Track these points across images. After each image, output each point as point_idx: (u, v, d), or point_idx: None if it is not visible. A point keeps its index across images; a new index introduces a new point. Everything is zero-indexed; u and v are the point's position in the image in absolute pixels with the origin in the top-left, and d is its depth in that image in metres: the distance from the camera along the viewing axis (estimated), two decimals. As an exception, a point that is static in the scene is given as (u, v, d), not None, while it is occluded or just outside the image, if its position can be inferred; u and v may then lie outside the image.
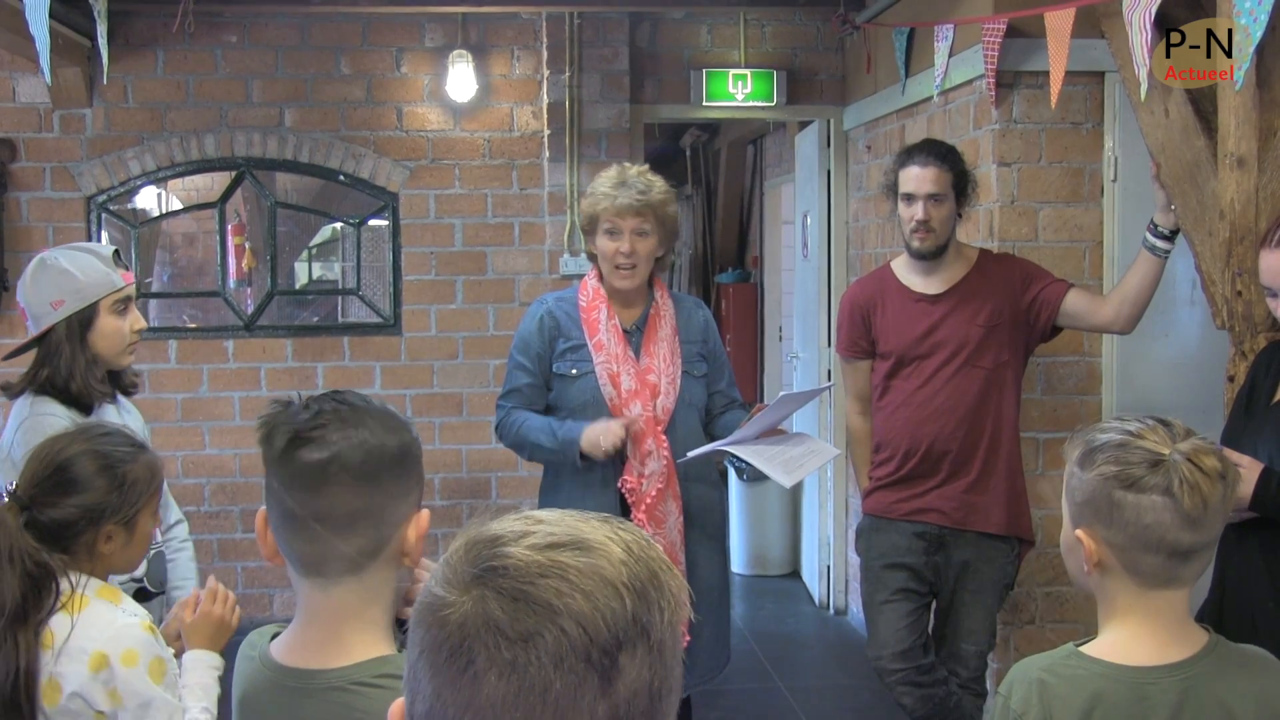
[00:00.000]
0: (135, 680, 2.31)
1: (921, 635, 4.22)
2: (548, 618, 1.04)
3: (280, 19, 6.79)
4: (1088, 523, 2.01)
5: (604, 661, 1.05)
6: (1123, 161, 4.92)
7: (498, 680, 1.03)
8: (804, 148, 7.52)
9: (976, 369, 4.19)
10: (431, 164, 6.93)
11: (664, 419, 3.87)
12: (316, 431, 1.79)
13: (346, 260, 7.30)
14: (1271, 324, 3.36)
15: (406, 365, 6.97)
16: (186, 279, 7.14)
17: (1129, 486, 1.95)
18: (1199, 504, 1.92)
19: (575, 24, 6.75)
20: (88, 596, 2.37)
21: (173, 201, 7.46)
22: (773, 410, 3.79)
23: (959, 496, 4.19)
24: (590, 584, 1.06)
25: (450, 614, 1.06)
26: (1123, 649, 2.01)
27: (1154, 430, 1.99)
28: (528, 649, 1.03)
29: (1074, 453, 2.05)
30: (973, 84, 5.11)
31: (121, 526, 2.47)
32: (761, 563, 8.03)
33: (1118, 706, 1.97)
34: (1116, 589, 2.03)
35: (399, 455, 1.84)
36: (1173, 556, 1.96)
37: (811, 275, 7.34)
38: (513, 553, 1.08)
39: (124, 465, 2.48)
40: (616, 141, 6.77)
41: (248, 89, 6.83)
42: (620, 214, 3.83)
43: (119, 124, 6.77)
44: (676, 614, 1.11)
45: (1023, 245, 4.92)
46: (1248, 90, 3.47)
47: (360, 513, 1.80)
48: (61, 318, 3.19)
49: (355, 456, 1.79)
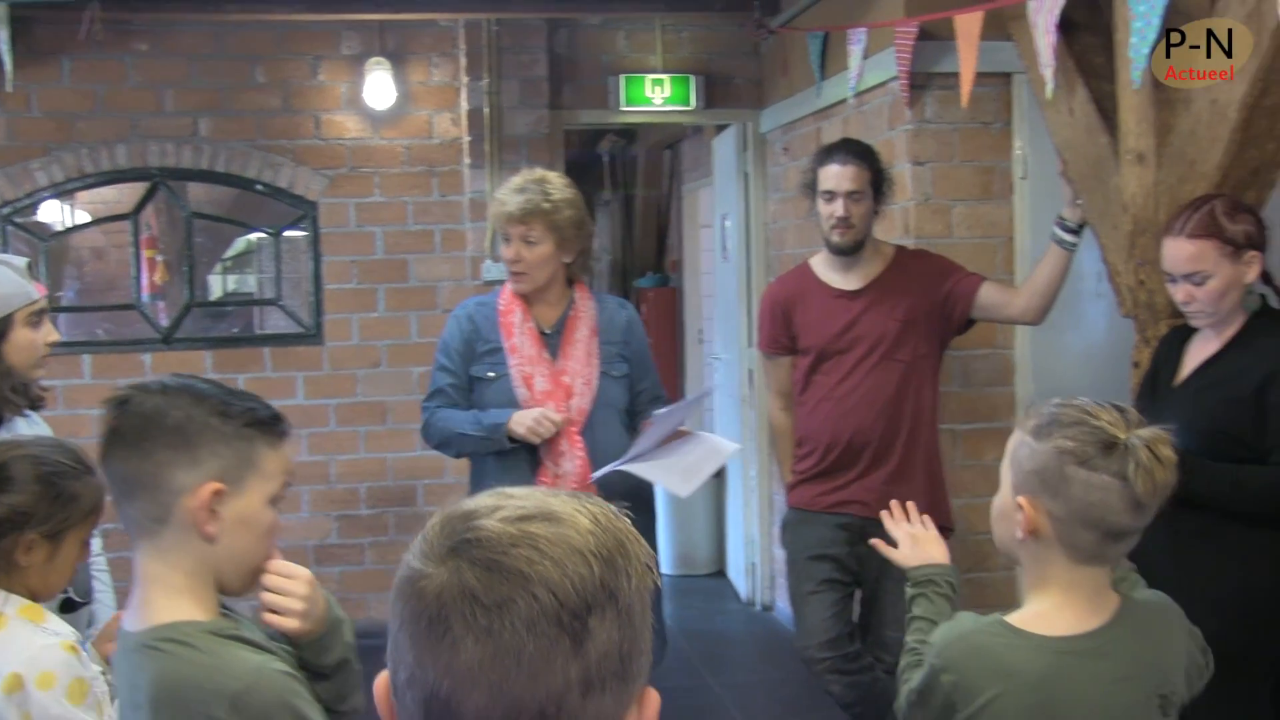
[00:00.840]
0: (50, 703, 2.30)
1: (847, 624, 4.31)
2: (520, 585, 1.09)
3: (193, 27, 6.71)
4: (1032, 492, 2.10)
5: (574, 625, 1.10)
6: (1031, 160, 5.03)
7: (475, 645, 1.09)
8: (722, 151, 7.60)
9: (895, 362, 4.28)
10: (351, 172, 6.91)
11: (579, 420, 3.93)
12: (115, 405, 1.93)
13: (264, 271, 7.27)
14: (1173, 311, 3.50)
15: (329, 375, 6.93)
16: (95, 294, 7.10)
17: (1082, 463, 2.03)
18: (1150, 490, 2.02)
19: (493, 31, 6.74)
20: (7, 615, 2.37)
21: (79, 215, 7.42)
22: (653, 429, 3.83)
23: (880, 487, 4.22)
24: (559, 552, 1.11)
25: (427, 584, 1.12)
26: (1046, 620, 2.13)
27: (1108, 412, 2.08)
28: (502, 615, 1.09)
29: (1029, 423, 2.13)
30: (886, 86, 5.19)
31: (46, 540, 2.43)
32: (688, 562, 8.07)
33: (1036, 674, 2.09)
34: (1047, 559, 2.13)
35: (176, 427, 1.91)
36: (1107, 536, 2.08)
37: (731, 277, 7.42)
38: (485, 525, 1.13)
39: (64, 479, 2.46)
40: (536, 147, 6.77)
41: (160, 98, 6.76)
42: (509, 221, 3.92)
43: (23, 134, 6.64)
44: (643, 581, 1.17)
45: (938, 242, 4.99)
46: (1145, 90, 3.60)
47: (133, 478, 1.92)
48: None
49: (130, 424, 1.91)
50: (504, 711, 1.09)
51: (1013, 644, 2.12)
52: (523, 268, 3.94)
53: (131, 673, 1.90)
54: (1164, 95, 3.65)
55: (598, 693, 1.11)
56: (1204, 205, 3.25)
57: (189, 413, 1.92)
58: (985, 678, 2.10)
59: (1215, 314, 3.27)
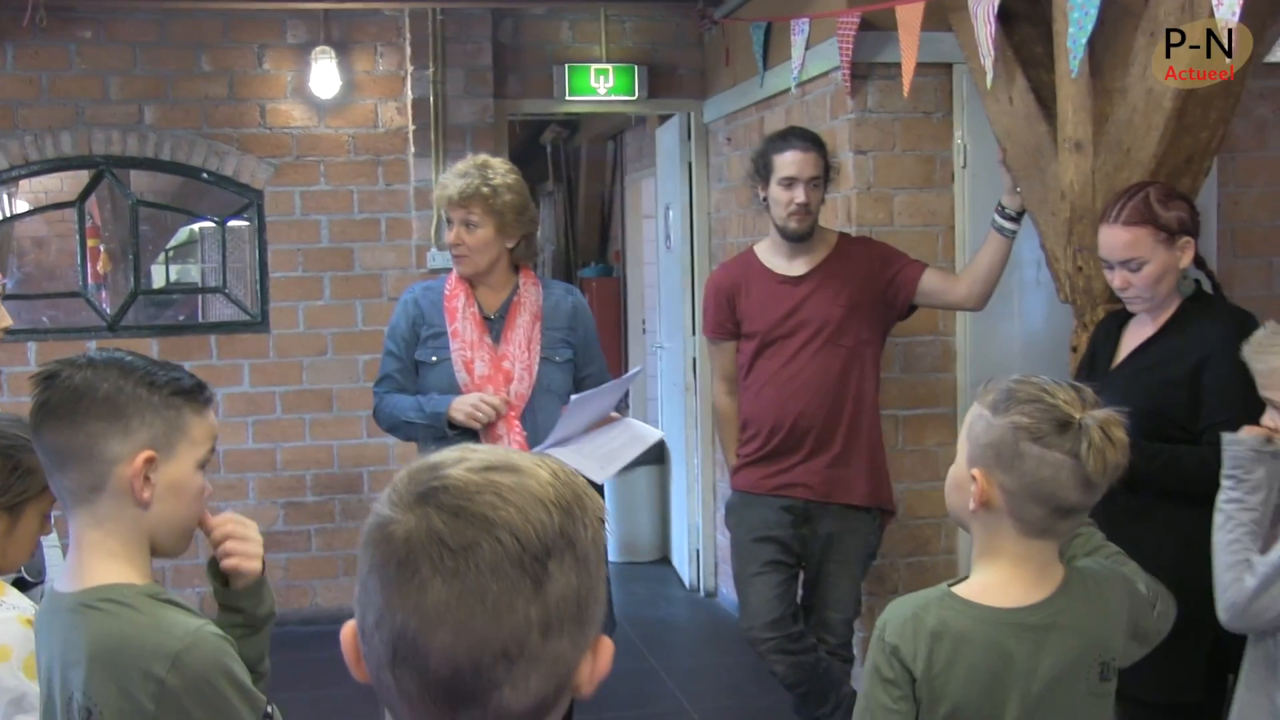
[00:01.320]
0: (5, 675, 2.33)
1: (791, 605, 4.33)
2: (484, 529, 1.14)
3: (138, 15, 6.69)
4: (986, 464, 2.13)
5: (535, 568, 1.14)
6: (971, 149, 5.08)
7: (442, 586, 1.13)
8: (665, 141, 7.60)
9: (838, 347, 4.30)
10: (296, 161, 6.89)
11: (518, 404, 3.95)
12: (44, 378, 1.98)
13: (208, 261, 7.25)
14: (1110, 296, 3.54)
15: (275, 362, 6.92)
16: (38, 282, 7.05)
17: (1037, 440, 2.07)
18: (1101, 469, 2.06)
19: (438, 20, 6.75)
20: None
21: (19, 204, 7.36)
22: (571, 414, 3.83)
23: (823, 471, 4.30)
24: (521, 499, 1.16)
25: (397, 529, 1.16)
26: (993, 592, 2.17)
27: (1065, 391, 2.12)
28: (468, 557, 1.13)
29: (988, 398, 2.16)
30: (829, 75, 5.22)
31: (5, 512, 2.46)
32: (632, 549, 8.10)
33: (984, 645, 2.13)
34: (997, 530, 2.17)
35: (107, 399, 1.96)
36: (1056, 511, 2.12)
37: (675, 266, 7.44)
38: (452, 474, 1.18)
39: (21, 453, 2.45)
40: (481, 136, 6.79)
41: (105, 86, 6.72)
42: (450, 204, 3.95)
43: (-34, 121, 6.63)
44: (599, 533, 1.21)
45: (880, 229, 5.05)
46: (1082, 79, 3.64)
47: (67, 449, 1.97)
48: None
49: (60, 398, 1.96)
50: (468, 649, 1.12)
51: (963, 616, 2.16)
52: (464, 250, 3.96)
53: (66, 631, 1.95)
54: (1101, 84, 3.70)
55: (556, 634, 1.15)
56: (1138, 193, 3.28)
57: (118, 384, 1.97)
58: (938, 651, 2.14)
59: (1151, 299, 3.31)
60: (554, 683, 1.17)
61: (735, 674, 5.84)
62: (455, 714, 1.16)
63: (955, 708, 2.13)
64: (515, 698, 1.15)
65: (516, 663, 1.14)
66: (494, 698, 1.14)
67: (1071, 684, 2.17)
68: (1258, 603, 2.61)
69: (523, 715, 1.16)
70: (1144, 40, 3.46)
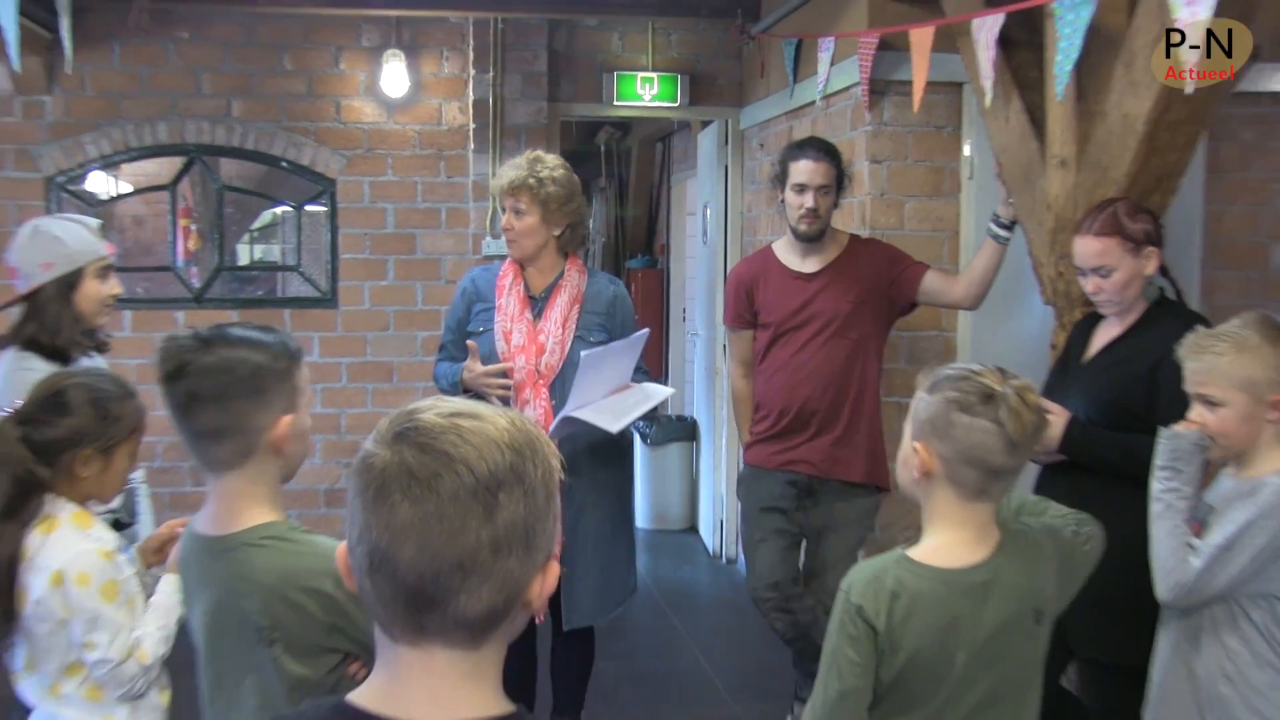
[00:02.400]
0: (85, 598, 2.48)
1: (792, 569, 4.39)
2: (445, 463, 1.24)
3: (229, 17, 6.79)
4: (925, 437, 2.24)
5: (487, 497, 1.24)
6: (977, 161, 5.07)
7: (409, 508, 1.23)
8: (705, 145, 7.63)
9: (845, 339, 4.35)
10: (366, 153, 6.98)
11: (547, 374, 4.02)
12: (179, 366, 2.05)
13: (287, 241, 7.37)
14: (1086, 300, 3.56)
15: (342, 336, 7.01)
16: (135, 256, 7.20)
17: (965, 410, 2.18)
18: (1020, 430, 2.17)
19: (499, 28, 6.80)
20: (60, 520, 2.54)
21: (123, 185, 7.51)
22: (585, 371, 3.84)
23: (826, 450, 4.35)
24: (478, 440, 1.26)
25: (375, 461, 1.26)
26: (942, 554, 2.26)
27: (991, 372, 2.23)
28: (430, 486, 1.24)
29: (925, 381, 2.28)
30: (850, 90, 5.22)
31: (100, 454, 2.60)
32: (663, 519, 8.16)
33: (935, 601, 2.22)
34: (939, 496, 2.27)
35: (249, 377, 2.07)
36: (987, 474, 2.21)
37: (709, 260, 7.50)
38: (423, 418, 1.28)
39: (111, 401, 2.63)
40: (535, 136, 6.82)
41: (198, 81, 6.84)
42: (502, 193, 4.10)
43: (77, 111, 6.75)
44: (550, 474, 1.31)
45: (891, 233, 5.07)
46: (1068, 102, 3.70)
47: (221, 428, 2.07)
48: (51, 278, 3.33)
49: (205, 386, 2.05)
50: (429, 561, 1.23)
51: (917, 577, 2.24)
52: (513, 235, 4.09)
53: (234, 566, 2.08)
54: (1084, 108, 3.73)
55: (505, 554, 1.25)
56: (1109, 207, 3.33)
57: (255, 363, 2.08)
58: (896, 608, 2.22)
59: (1120, 303, 3.35)
60: (504, 595, 1.27)
61: (746, 633, 5.90)
62: (420, 617, 1.26)
63: (911, 657, 2.22)
64: (470, 604, 1.25)
65: (470, 575, 1.24)
66: (452, 604, 1.25)
67: (1011, 631, 2.26)
68: (1202, 582, 2.66)
69: (476, 620, 1.27)
70: (1121, 69, 3.51)
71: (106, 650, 2.50)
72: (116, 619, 2.52)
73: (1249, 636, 2.67)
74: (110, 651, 2.51)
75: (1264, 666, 2.65)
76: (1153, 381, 3.23)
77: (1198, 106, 3.42)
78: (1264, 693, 2.64)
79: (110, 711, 2.57)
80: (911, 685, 2.24)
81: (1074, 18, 3.40)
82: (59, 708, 2.56)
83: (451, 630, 1.27)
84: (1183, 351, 2.78)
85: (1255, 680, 2.65)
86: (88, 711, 2.56)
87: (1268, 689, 2.64)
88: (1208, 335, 2.75)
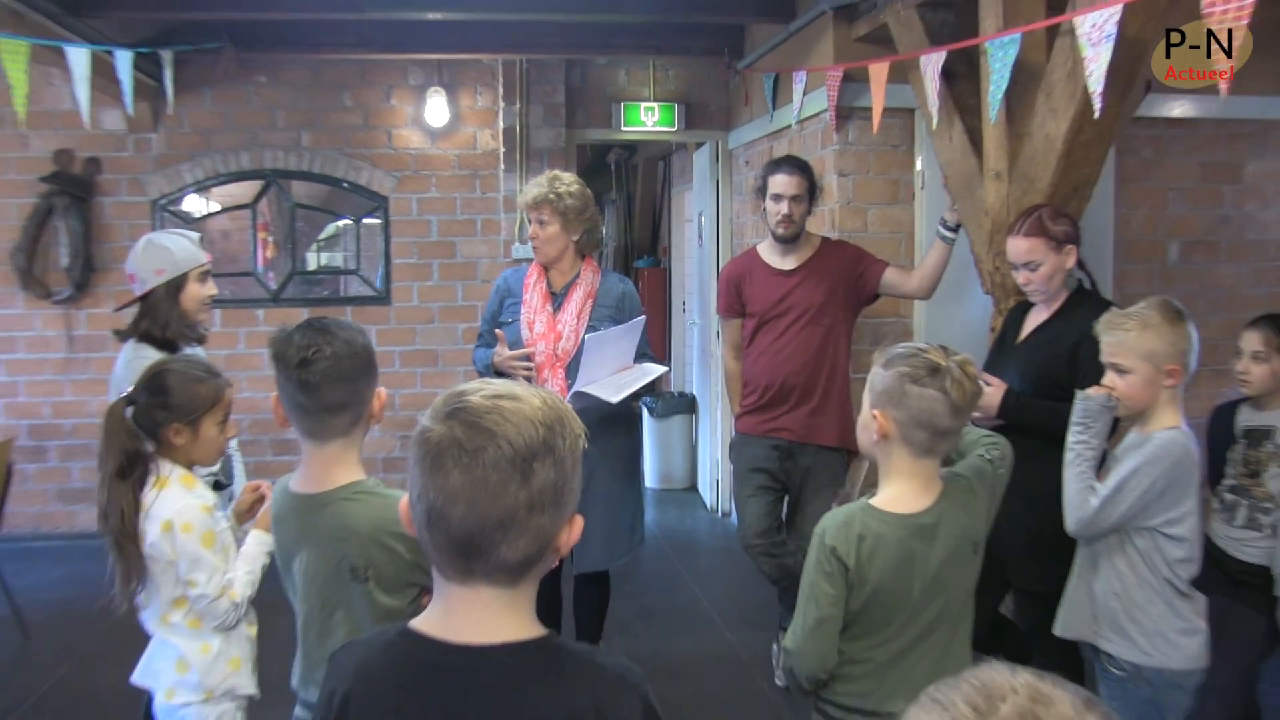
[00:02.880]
0: (188, 543, 2.54)
1: (776, 520, 4.39)
2: (489, 438, 1.27)
3: (299, 64, 6.87)
4: (882, 406, 2.25)
5: (524, 466, 1.27)
6: (927, 175, 5.10)
7: (459, 475, 1.26)
8: (699, 162, 7.61)
9: (818, 325, 4.33)
10: (414, 174, 7.02)
11: (564, 358, 4.03)
12: (313, 353, 2.10)
13: (347, 249, 7.40)
14: (1018, 290, 3.57)
15: (395, 328, 7.06)
16: (223, 264, 7.23)
17: (915, 382, 2.19)
18: (962, 397, 2.19)
19: (524, 67, 6.84)
20: (170, 479, 2.59)
21: (213, 205, 7.57)
22: (589, 349, 3.85)
23: (804, 419, 4.34)
24: (517, 418, 1.28)
25: (431, 435, 1.29)
26: (897, 501, 2.28)
27: (936, 349, 2.25)
28: (477, 456, 1.26)
29: (880, 358, 2.28)
30: (820, 116, 5.24)
31: (187, 426, 2.63)
32: (668, 479, 8.15)
33: (895, 542, 2.25)
34: (895, 455, 2.28)
35: (366, 356, 2.15)
36: (935, 434, 2.23)
37: (704, 260, 7.49)
38: (471, 399, 1.30)
39: (190, 382, 2.65)
40: (555, 157, 6.86)
41: (273, 117, 6.92)
42: (528, 207, 4.11)
43: (176, 144, 6.85)
44: (576, 443, 1.33)
45: (856, 235, 5.10)
46: (1000, 125, 3.73)
47: (346, 401, 2.13)
48: (161, 282, 3.40)
49: (339, 367, 2.10)
50: (476, 519, 1.27)
51: (879, 522, 2.27)
52: (539, 242, 4.11)
53: (331, 519, 2.13)
54: (1013, 129, 3.76)
55: (539, 513, 1.29)
56: (1034, 212, 3.35)
57: (365, 344, 2.16)
58: (863, 548, 2.25)
59: (1045, 292, 3.38)
60: (538, 545, 1.31)
61: (738, 574, 5.88)
62: (468, 563, 1.30)
63: (876, 588, 2.25)
64: (509, 553, 1.29)
65: (510, 529, 1.27)
66: (494, 553, 1.29)
67: (955, 562, 2.29)
68: (1099, 516, 2.73)
69: (515, 565, 1.31)
70: (1042, 97, 3.53)
71: (205, 587, 2.56)
72: (213, 562, 2.57)
73: (1134, 561, 2.73)
74: (208, 589, 2.56)
75: (1144, 586, 2.72)
76: (1074, 358, 3.26)
77: (1103, 129, 3.45)
78: (1142, 606, 2.72)
79: (207, 640, 2.63)
80: (875, 612, 2.27)
81: (1003, 55, 3.43)
82: (168, 634, 2.63)
83: (494, 572, 1.31)
84: (1099, 328, 2.80)
85: (1137, 597, 2.73)
86: (190, 638, 2.62)
87: (1145, 604, 2.72)
88: (1119, 314, 2.79)
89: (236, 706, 2.69)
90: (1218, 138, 5.58)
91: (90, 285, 6.77)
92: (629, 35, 6.58)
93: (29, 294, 6.77)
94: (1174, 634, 2.71)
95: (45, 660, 4.88)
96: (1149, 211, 5.61)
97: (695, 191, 7.95)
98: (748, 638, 5.09)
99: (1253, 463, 3.34)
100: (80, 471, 6.85)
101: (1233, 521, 3.40)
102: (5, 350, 6.83)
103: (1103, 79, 2.94)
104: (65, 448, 6.86)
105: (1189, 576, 2.72)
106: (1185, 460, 2.68)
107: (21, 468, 6.64)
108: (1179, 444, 2.68)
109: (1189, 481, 2.69)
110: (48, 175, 6.70)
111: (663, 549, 6.62)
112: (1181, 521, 2.69)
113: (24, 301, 6.80)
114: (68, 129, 6.73)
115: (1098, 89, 2.96)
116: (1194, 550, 2.72)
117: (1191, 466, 2.70)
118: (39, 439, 6.84)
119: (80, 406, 6.84)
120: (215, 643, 2.63)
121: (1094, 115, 3.10)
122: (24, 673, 4.76)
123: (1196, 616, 2.73)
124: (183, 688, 2.63)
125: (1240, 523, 3.37)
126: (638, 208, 11.00)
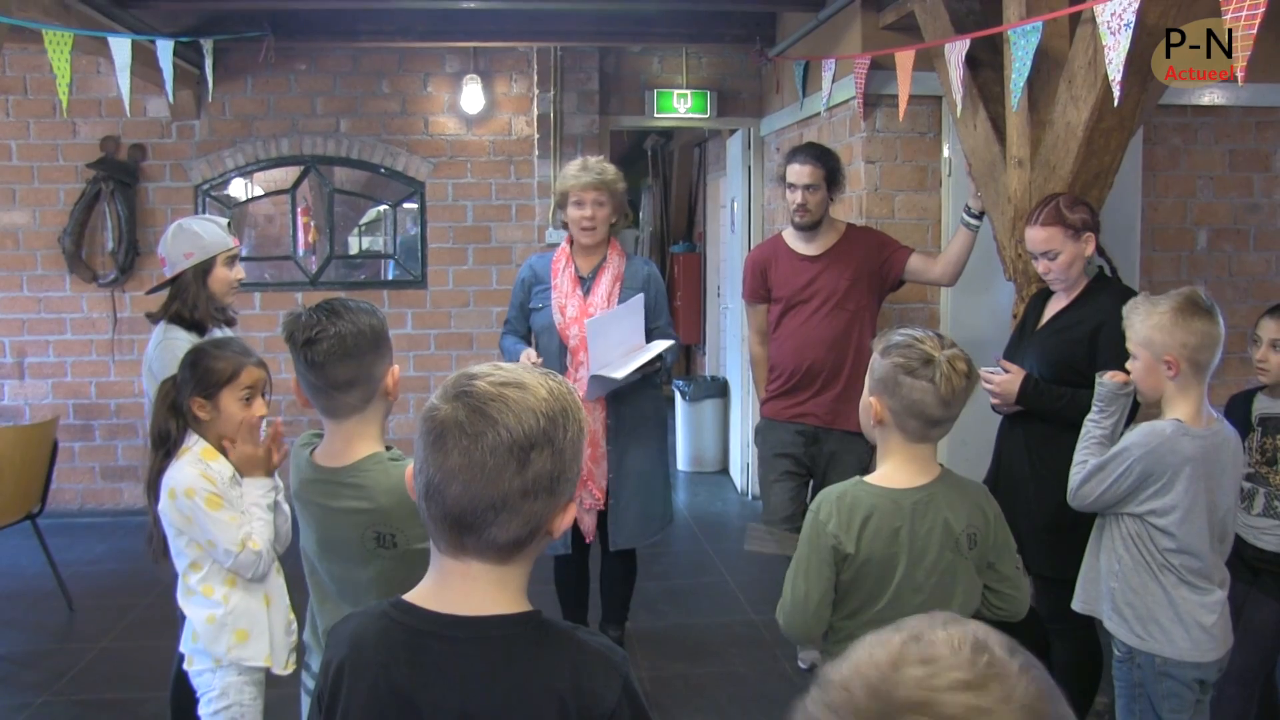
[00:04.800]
0: (193, 508, 2.62)
1: (800, 505, 4.35)
2: (490, 424, 1.29)
3: (338, 52, 6.92)
4: (878, 393, 2.28)
5: (520, 454, 1.28)
6: (954, 162, 5.06)
7: (459, 456, 1.29)
8: (732, 149, 7.62)
9: (844, 311, 4.31)
10: (450, 160, 7.07)
11: None
12: (317, 332, 2.12)
13: (385, 234, 7.47)
14: (1039, 277, 3.56)
15: (431, 311, 7.13)
16: (264, 248, 7.34)
17: (908, 373, 2.22)
18: (950, 391, 2.21)
19: (558, 55, 6.86)
20: (190, 450, 2.69)
21: (255, 189, 7.66)
22: (592, 334, 3.89)
23: (829, 404, 4.32)
24: (519, 408, 1.30)
25: (437, 414, 1.32)
26: (889, 478, 2.32)
27: (931, 339, 2.26)
28: (477, 440, 1.28)
29: (878, 346, 2.30)
30: (848, 103, 5.22)
31: (207, 400, 2.71)
32: (700, 462, 8.18)
33: (883, 513, 2.28)
34: (890, 439, 2.32)
35: (373, 336, 2.15)
36: (927, 423, 2.26)
37: (736, 246, 7.49)
38: (477, 383, 1.32)
39: (204, 359, 2.73)
40: (589, 144, 6.88)
41: (313, 104, 6.98)
42: (584, 189, 4.11)
43: (218, 131, 6.94)
44: (578, 435, 1.34)
45: (883, 221, 5.09)
46: (1022, 112, 3.72)
47: (354, 378, 2.15)
48: (190, 265, 3.47)
49: (344, 345, 2.11)
50: (470, 499, 1.30)
51: (870, 495, 2.31)
52: (593, 224, 4.13)
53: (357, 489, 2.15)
54: (1035, 117, 3.74)
55: (532, 499, 1.31)
56: (1051, 201, 3.34)
57: (372, 323, 2.17)
58: (854, 520, 2.29)
59: (1065, 280, 3.37)
60: (529, 528, 1.33)
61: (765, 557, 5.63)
62: (461, 538, 1.33)
63: (865, 559, 2.28)
64: (500, 534, 1.32)
65: (502, 512, 1.30)
66: (486, 532, 1.32)
67: (944, 548, 2.31)
68: (1080, 491, 2.79)
69: (505, 544, 1.34)
70: (1064, 85, 3.51)
71: (225, 544, 2.64)
72: (225, 520, 2.63)
73: (1129, 544, 2.77)
74: (229, 545, 2.64)
75: (1140, 569, 2.75)
76: (1093, 344, 3.27)
77: (1124, 116, 3.43)
78: (1138, 590, 2.76)
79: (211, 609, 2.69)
80: (865, 584, 2.30)
81: (1025, 43, 3.42)
82: (184, 602, 2.73)
83: (485, 550, 1.33)
84: (1125, 310, 2.82)
85: (1133, 580, 2.76)
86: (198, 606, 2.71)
87: (1140, 588, 2.76)
88: (1138, 300, 2.80)
89: (246, 680, 2.73)
90: (1246, 125, 5.50)
91: (135, 269, 6.89)
92: (662, 23, 6.59)
93: (76, 276, 6.90)
94: (1168, 622, 2.72)
95: (89, 631, 5.00)
96: (1177, 199, 5.55)
97: (728, 178, 7.97)
98: (773, 619, 4.90)
99: (1269, 451, 3.31)
100: (124, 450, 6.98)
101: (1250, 509, 3.37)
102: (53, 331, 6.95)
103: (1122, 67, 2.92)
104: (110, 426, 6.99)
105: (1190, 568, 2.71)
106: (1166, 452, 2.67)
107: (68, 445, 6.77)
108: (1160, 435, 2.68)
109: (1173, 475, 2.68)
110: (94, 161, 6.82)
111: (692, 530, 6.66)
112: (1168, 514, 2.69)
113: (71, 284, 6.93)
114: (115, 116, 6.85)
115: (1117, 77, 2.95)
116: (1190, 544, 2.71)
117: (1177, 460, 2.67)
118: (85, 418, 6.97)
119: (124, 387, 6.97)
120: (219, 613, 2.69)
121: (1114, 103, 3.09)
122: (69, 644, 4.88)
123: (1202, 610, 2.72)
124: (197, 655, 2.72)
125: (1258, 510, 3.34)
126: (674, 193, 11.05)
